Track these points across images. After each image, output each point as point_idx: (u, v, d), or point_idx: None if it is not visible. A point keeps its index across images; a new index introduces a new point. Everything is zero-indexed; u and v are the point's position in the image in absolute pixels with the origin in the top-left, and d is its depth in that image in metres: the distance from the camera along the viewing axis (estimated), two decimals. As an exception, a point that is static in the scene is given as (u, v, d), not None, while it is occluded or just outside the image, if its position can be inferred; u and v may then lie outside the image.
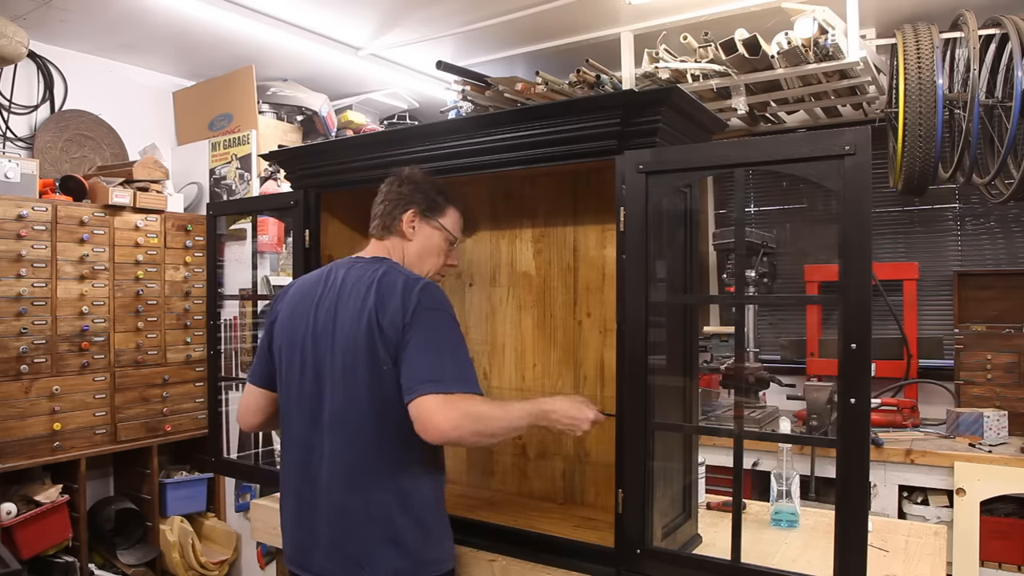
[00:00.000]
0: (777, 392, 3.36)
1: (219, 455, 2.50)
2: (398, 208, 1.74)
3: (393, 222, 1.74)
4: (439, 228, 1.77)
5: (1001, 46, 2.76)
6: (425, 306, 1.53)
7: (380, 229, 1.76)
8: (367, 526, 1.54)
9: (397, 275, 1.60)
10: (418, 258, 1.75)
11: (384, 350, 1.52)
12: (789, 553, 1.77)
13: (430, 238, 1.76)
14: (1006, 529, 2.75)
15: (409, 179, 1.77)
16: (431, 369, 1.49)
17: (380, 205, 1.77)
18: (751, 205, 4.07)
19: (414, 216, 1.74)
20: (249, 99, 3.73)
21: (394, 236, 1.75)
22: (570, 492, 2.11)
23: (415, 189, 1.75)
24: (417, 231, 1.75)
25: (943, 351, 3.46)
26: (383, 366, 1.52)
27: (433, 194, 1.76)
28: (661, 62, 2.99)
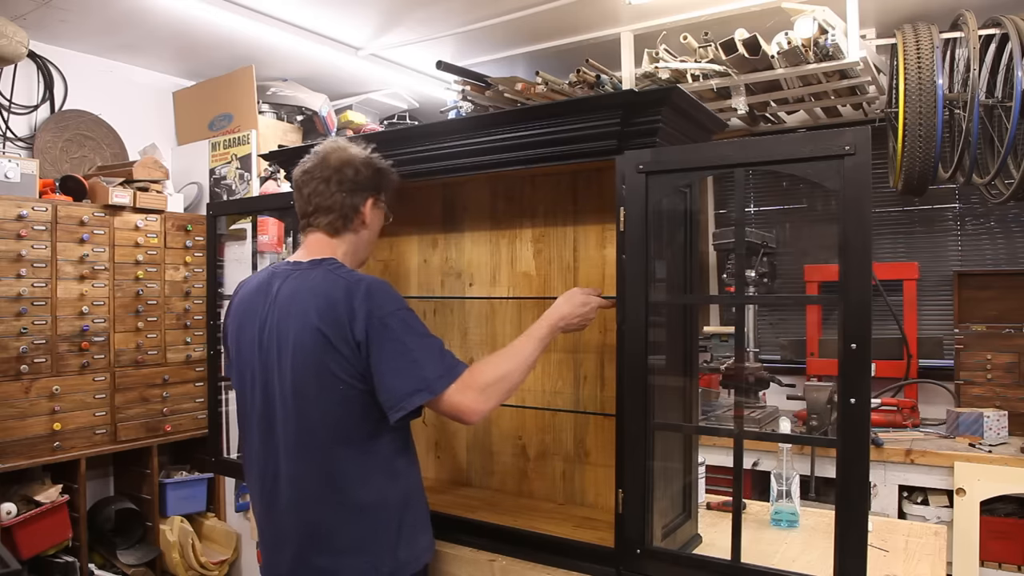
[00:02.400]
0: (777, 392, 3.36)
1: (219, 455, 2.50)
2: (359, 198, 1.61)
3: (354, 214, 1.61)
4: (384, 207, 1.68)
5: (1001, 46, 2.76)
6: (377, 315, 1.45)
7: (338, 224, 1.60)
8: (332, 540, 1.51)
9: (336, 281, 1.50)
10: (368, 245, 1.68)
11: (339, 368, 1.45)
12: (789, 553, 1.77)
13: (378, 220, 1.68)
14: (1006, 529, 2.75)
15: (363, 163, 1.62)
16: (411, 380, 1.43)
17: (335, 196, 1.59)
18: (751, 205, 4.07)
19: (374, 204, 1.64)
20: (249, 99, 3.73)
21: (350, 231, 1.62)
22: (570, 492, 2.11)
23: (370, 175, 1.62)
24: (372, 218, 1.65)
25: (943, 351, 3.46)
26: (339, 385, 1.46)
27: (381, 175, 1.66)
28: (661, 62, 2.99)
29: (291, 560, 1.54)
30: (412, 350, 1.45)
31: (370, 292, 1.47)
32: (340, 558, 1.52)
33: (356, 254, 1.66)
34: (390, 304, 1.48)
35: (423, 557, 1.61)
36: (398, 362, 1.44)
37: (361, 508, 1.52)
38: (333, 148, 1.63)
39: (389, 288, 1.52)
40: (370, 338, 1.44)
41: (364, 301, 1.45)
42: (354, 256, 1.66)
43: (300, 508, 1.53)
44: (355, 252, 1.65)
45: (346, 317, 1.45)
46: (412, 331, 1.47)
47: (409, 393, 1.43)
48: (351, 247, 1.64)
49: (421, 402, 1.44)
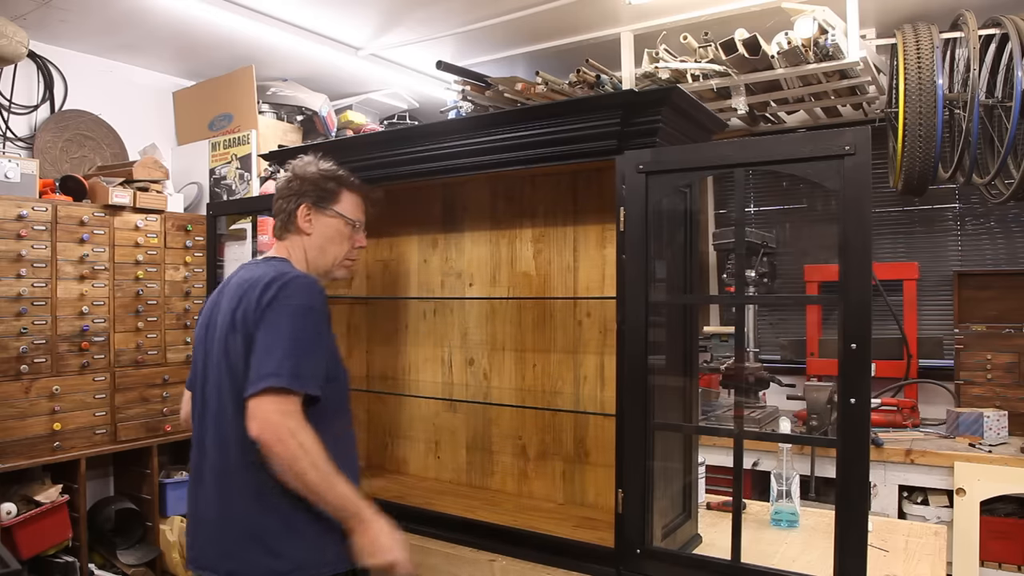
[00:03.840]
0: (777, 392, 3.36)
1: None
2: (290, 204, 1.70)
3: (290, 220, 1.70)
4: (335, 216, 1.71)
5: (1001, 46, 2.76)
6: (280, 300, 1.49)
7: (280, 229, 1.73)
8: (236, 526, 1.52)
9: (271, 272, 1.55)
10: (320, 251, 1.71)
11: (236, 351, 1.50)
12: (789, 553, 1.77)
13: (329, 227, 1.71)
14: (1006, 529, 2.75)
15: (298, 173, 1.72)
16: (267, 363, 1.43)
17: (277, 203, 1.73)
18: (751, 205, 4.07)
19: (308, 210, 1.69)
20: (249, 99, 3.73)
21: (293, 234, 1.71)
22: (570, 492, 2.11)
23: (304, 182, 1.70)
24: (314, 224, 1.70)
25: (943, 351, 3.46)
26: (239, 367, 1.49)
27: (324, 183, 1.71)
28: (661, 62, 2.99)
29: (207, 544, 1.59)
30: (282, 339, 1.46)
31: (286, 284, 1.51)
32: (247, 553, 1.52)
33: (308, 261, 1.70)
34: (297, 298, 1.50)
35: (328, 567, 1.54)
36: (265, 343, 1.46)
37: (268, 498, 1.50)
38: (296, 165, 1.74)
39: (312, 287, 1.54)
40: (262, 318, 1.48)
41: (278, 289, 1.50)
42: (306, 262, 1.70)
43: (218, 492, 1.55)
44: (306, 259, 1.70)
45: (256, 300, 1.50)
46: (296, 328, 1.48)
47: (260, 376, 1.43)
48: (298, 252, 1.70)
49: (264, 386, 1.42)
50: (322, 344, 1.53)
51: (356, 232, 1.76)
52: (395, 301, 2.48)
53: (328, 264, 1.72)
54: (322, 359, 1.52)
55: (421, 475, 2.41)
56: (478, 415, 2.28)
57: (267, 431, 1.41)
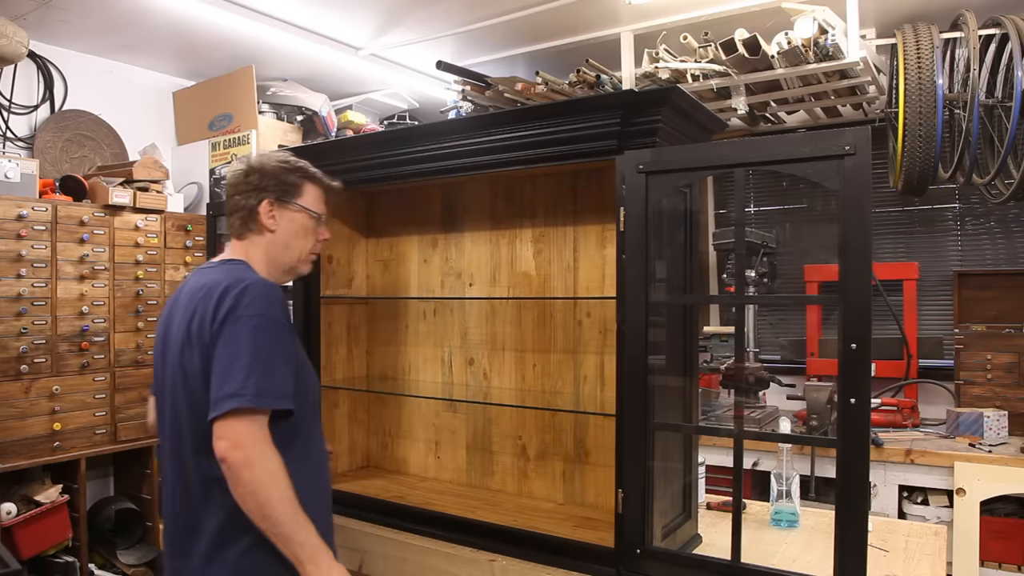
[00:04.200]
0: (777, 392, 3.36)
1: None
2: (251, 200, 1.61)
3: (251, 217, 1.61)
4: (300, 210, 1.63)
5: (1001, 46, 2.76)
6: (238, 312, 1.40)
7: (239, 227, 1.63)
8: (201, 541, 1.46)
9: (224, 279, 1.47)
10: (284, 248, 1.63)
11: (193, 368, 1.43)
12: (789, 553, 1.77)
13: (293, 223, 1.63)
14: (1006, 529, 2.75)
15: (256, 166, 1.63)
16: (229, 382, 1.36)
17: (233, 200, 1.63)
18: (751, 205, 4.07)
19: (271, 206, 1.61)
20: (249, 99, 3.73)
21: (254, 233, 1.61)
22: (570, 492, 2.11)
23: (264, 176, 1.61)
24: (279, 220, 1.62)
25: (943, 351, 3.46)
26: (197, 386, 1.43)
27: (285, 176, 1.63)
28: (661, 62, 2.99)
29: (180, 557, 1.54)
30: (242, 355, 1.38)
31: (244, 291, 1.43)
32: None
33: (270, 260, 1.62)
34: (255, 307, 1.42)
35: None
36: (225, 361, 1.38)
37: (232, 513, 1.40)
38: (247, 159, 1.67)
39: (270, 294, 1.47)
40: (221, 332, 1.41)
41: (235, 297, 1.42)
42: (268, 263, 1.62)
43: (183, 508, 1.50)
44: (267, 258, 1.62)
45: (212, 311, 1.42)
46: (258, 340, 1.40)
47: (223, 397, 1.35)
48: (260, 251, 1.62)
49: (230, 407, 1.34)
50: (286, 355, 1.45)
51: (320, 225, 1.68)
52: (395, 301, 2.48)
53: (293, 261, 1.65)
54: (289, 371, 1.44)
55: (421, 475, 2.41)
56: (478, 415, 2.28)
57: (234, 454, 1.34)
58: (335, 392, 2.37)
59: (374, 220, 2.51)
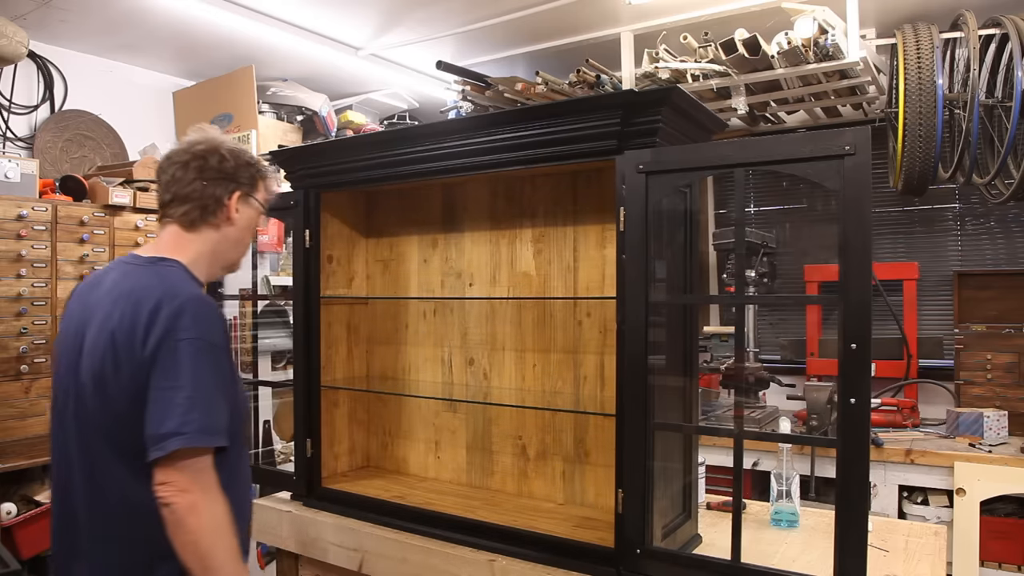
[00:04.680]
0: (777, 392, 3.36)
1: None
2: (219, 189, 1.47)
3: (216, 207, 1.47)
4: (257, 206, 1.55)
5: (1001, 46, 2.76)
6: (177, 336, 1.29)
7: (196, 217, 1.46)
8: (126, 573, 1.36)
9: (157, 289, 1.35)
10: (236, 244, 1.54)
11: (119, 390, 1.30)
12: (789, 553, 1.77)
13: (250, 219, 1.54)
14: (1006, 529, 2.75)
15: (231, 154, 1.49)
16: (171, 418, 1.25)
17: (193, 183, 1.45)
18: (751, 205, 4.07)
19: (239, 200, 1.50)
20: (249, 99, 3.73)
21: (208, 226, 1.48)
22: (570, 492, 2.11)
23: (238, 165, 1.49)
24: (240, 215, 1.51)
25: (943, 351, 3.46)
26: (115, 405, 1.31)
27: (249, 169, 1.53)
28: (661, 62, 2.99)
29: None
30: (183, 387, 1.27)
31: (180, 311, 1.31)
32: None
33: (216, 256, 1.51)
34: (194, 330, 1.31)
35: None
36: (163, 392, 1.27)
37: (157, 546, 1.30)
38: (201, 136, 1.50)
39: (208, 314, 1.36)
40: (157, 358, 1.28)
41: (170, 319, 1.30)
42: (213, 258, 1.51)
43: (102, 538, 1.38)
44: (214, 253, 1.51)
45: (142, 331, 1.30)
46: (198, 368, 1.29)
47: (167, 434, 1.25)
48: (209, 246, 1.49)
49: (174, 448, 1.24)
50: (225, 384, 1.35)
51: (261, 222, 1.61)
52: (395, 301, 2.48)
53: (236, 257, 1.56)
54: (226, 402, 1.34)
55: (421, 475, 2.41)
56: (478, 415, 2.28)
57: (180, 499, 1.24)
58: (335, 392, 2.37)
59: (374, 220, 2.51)
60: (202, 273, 1.51)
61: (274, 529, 2.19)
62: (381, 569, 1.95)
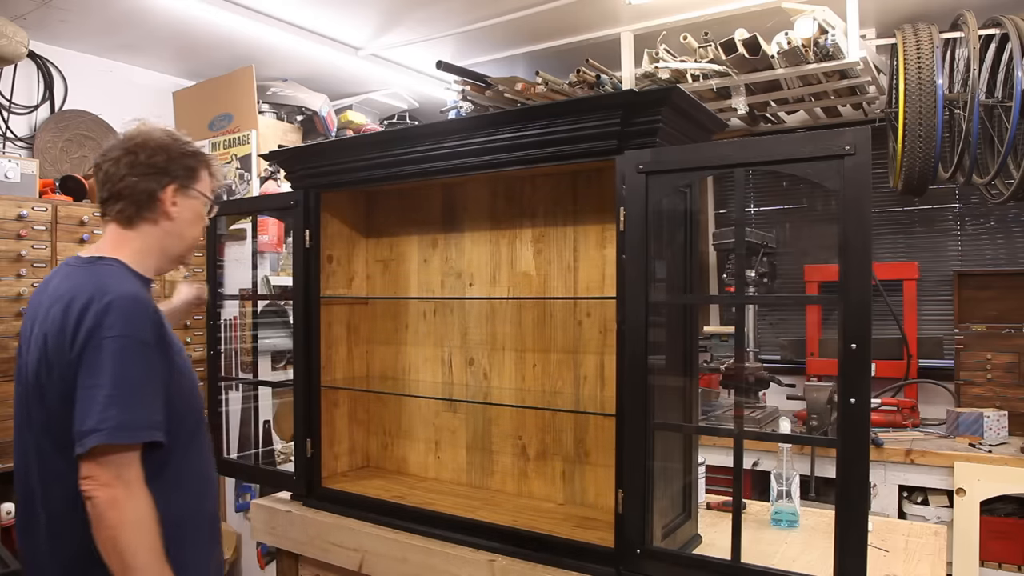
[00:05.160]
0: (777, 392, 3.36)
1: (219, 455, 2.50)
2: (152, 183, 1.43)
3: (150, 203, 1.44)
4: (199, 197, 1.51)
5: (1001, 46, 2.76)
6: (101, 334, 1.29)
7: (132, 213, 1.44)
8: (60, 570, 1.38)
9: (87, 289, 1.34)
10: (179, 239, 1.50)
11: (52, 390, 1.32)
12: (789, 553, 1.77)
13: (191, 211, 1.50)
14: (1006, 529, 2.75)
15: (161, 146, 1.45)
16: (91, 416, 1.26)
17: (124, 181, 1.43)
18: (751, 205, 4.07)
19: (176, 192, 1.46)
20: (249, 99, 3.73)
21: (147, 222, 1.46)
22: (570, 492, 2.11)
23: (170, 158, 1.46)
24: (180, 208, 1.47)
25: (943, 351, 3.46)
26: (52, 404, 1.33)
27: (186, 160, 1.48)
28: (661, 62, 2.99)
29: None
30: (103, 385, 1.27)
31: (107, 309, 1.31)
32: None
33: (161, 251, 1.49)
34: (119, 328, 1.30)
35: None
36: (85, 390, 1.28)
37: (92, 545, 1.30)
38: (135, 130, 1.48)
39: (137, 312, 1.34)
40: (83, 356, 1.29)
41: (97, 316, 1.30)
42: (158, 253, 1.50)
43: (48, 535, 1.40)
44: (158, 248, 1.49)
45: (71, 331, 1.31)
46: (120, 365, 1.29)
47: (86, 431, 1.26)
48: (150, 241, 1.47)
49: (92, 444, 1.25)
50: (155, 380, 1.34)
51: (209, 212, 1.57)
52: (395, 301, 2.48)
53: (184, 249, 1.53)
54: (157, 397, 1.34)
55: (421, 475, 2.41)
56: (478, 415, 2.28)
57: (100, 493, 1.25)
58: (335, 392, 2.37)
59: (374, 220, 2.51)
60: (148, 269, 1.49)
61: (274, 529, 2.19)
62: (381, 569, 1.95)
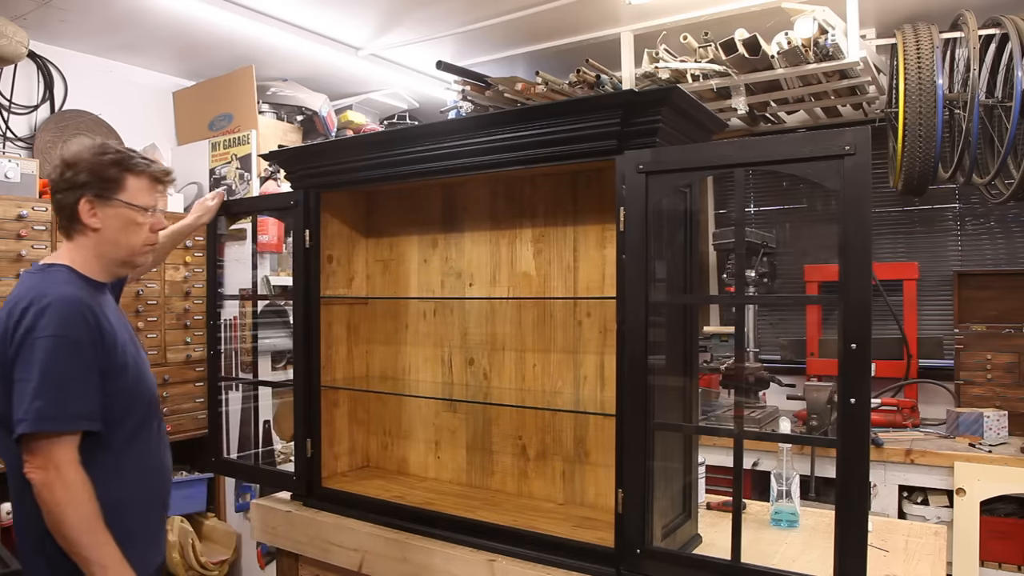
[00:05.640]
0: (777, 392, 3.36)
1: (219, 455, 2.50)
2: (69, 198, 1.55)
3: (73, 216, 1.56)
4: (123, 206, 1.58)
5: (1001, 46, 2.76)
6: (35, 333, 1.42)
7: (66, 227, 1.58)
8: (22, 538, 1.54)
9: (31, 292, 1.47)
10: (114, 245, 1.60)
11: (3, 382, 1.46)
12: (789, 553, 1.77)
13: (118, 219, 1.58)
14: (1006, 529, 2.75)
15: (72, 161, 1.56)
16: (20, 407, 1.41)
17: (55, 198, 1.58)
18: (751, 205, 4.07)
19: (91, 204, 1.55)
20: (249, 99, 3.73)
21: (79, 233, 1.58)
22: (570, 492, 2.11)
23: (79, 171, 1.55)
24: (101, 219, 1.57)
25: (943, 351, 3.46)
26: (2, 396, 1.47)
27: (104, 170, 1.56)
28: (661, 62, 2.99)
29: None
30: (31, 379, 1.41)
31: (42, 311, 1.44)
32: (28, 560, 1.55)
33: (101, 257, 1.61)
34: (51, 327, 1.43)
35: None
36: (18, 384, 1.43)
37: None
38: (67, 150, 1.63)
39: (68, 314, 1.46)
40: (18, 354, 1.43)
41: (31, 319, 1.43)
42: (96, 260, 1.61)
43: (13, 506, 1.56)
44: (94, 256, 1.60)
45: (11, 331, 1.44)
46: (49, 362, 1.42)
47: (17, 421, 1.42)
48: (87, 251, 1.59)
49: (20, 432, 1.41)
50: (86, 375, 1.46)
51: (151, 216, 1.64)
52: (395, 301, 2.48)
53: (125, 255, 1.62)
54: (88, 389, 1.46)
55: (421, 475, 2.41)
56: (478, 415, 2.28)
57: (35, 475, 1.41)
58: (335, 392, 2.37)
59: (374, 220, 2.51)
60: (96, 273, 1.62)
61: (274, 529, 2.19)
62: (381, 569, 1.95)
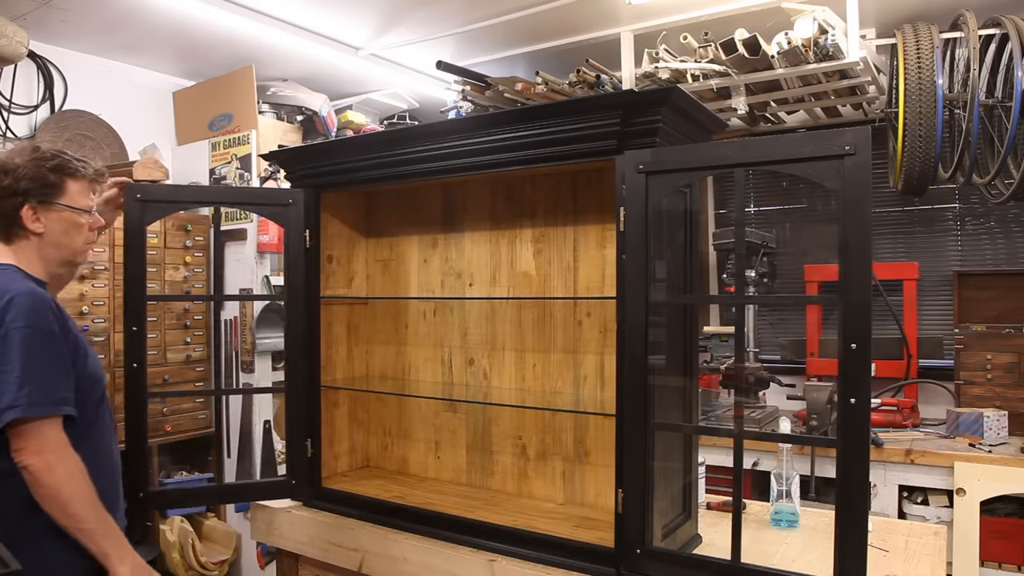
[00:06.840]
0: (777, 392, 3.36)
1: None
2: (7, 206, 1.58)
3: (14, 222, 1.59)
4: (65, 209, 1.62)
5: (1001, 46, 2.76)
6: (6, 327, 1.48)
7: (4, 231, 1.61)
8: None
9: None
10: (57, 248, 1.64)
11: None
12: (789, 553, 1.77)
13: (61, 223, 1.63)
14: (1006, 529, 2.76)
15: (10, 168, 1.58)
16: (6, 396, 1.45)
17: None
18: (751, 205, 4.07)
19: (33, 210, 1.59)
20: (249, 99, 3.73)
21: (21, 238, 1.61)
22: (570, 492, 2.11)
23: (19, 178, 1.58)
24: (45, 223, 1.61)
25: (943, 351, 3.46)
26: None
27: (44, 177, 1.60)
28: (661, 62, 2.99)
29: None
30: (15, 368, 1.46)
31: (9, 305, 1.49)
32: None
33: (43, 259, 1.65)
34: (21, 320, 1.48)
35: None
36: (1, 376, 1.46)
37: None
38: (5, 152, 1.63)
39: (35, 306, 1.51)
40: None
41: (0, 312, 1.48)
42: (38, 262, 1.64)
43: None
44: (37, 259, 1.64)
45: None
46: (27, 352, 1.48)
47: (4, 408, 1.45)
48: (28, 254, 1.63)
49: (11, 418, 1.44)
50: (61, 363, 1.53)
51: (91, 217, 1.68)
52: (395, 301, 2.48)
53: (68, 256, 1.67)
54: (67, 378, 1.53)
55: (421, 475, 2.41)
56: (478, 415, 2.28)
57: (34, 460, 1.45)
58: (335, 392, 2.37)
59: (374, 220, 2.51)
60: (39, 274, 1.65)
61: (274, 529, 2.19)
62: (381, 569, 1.95)
